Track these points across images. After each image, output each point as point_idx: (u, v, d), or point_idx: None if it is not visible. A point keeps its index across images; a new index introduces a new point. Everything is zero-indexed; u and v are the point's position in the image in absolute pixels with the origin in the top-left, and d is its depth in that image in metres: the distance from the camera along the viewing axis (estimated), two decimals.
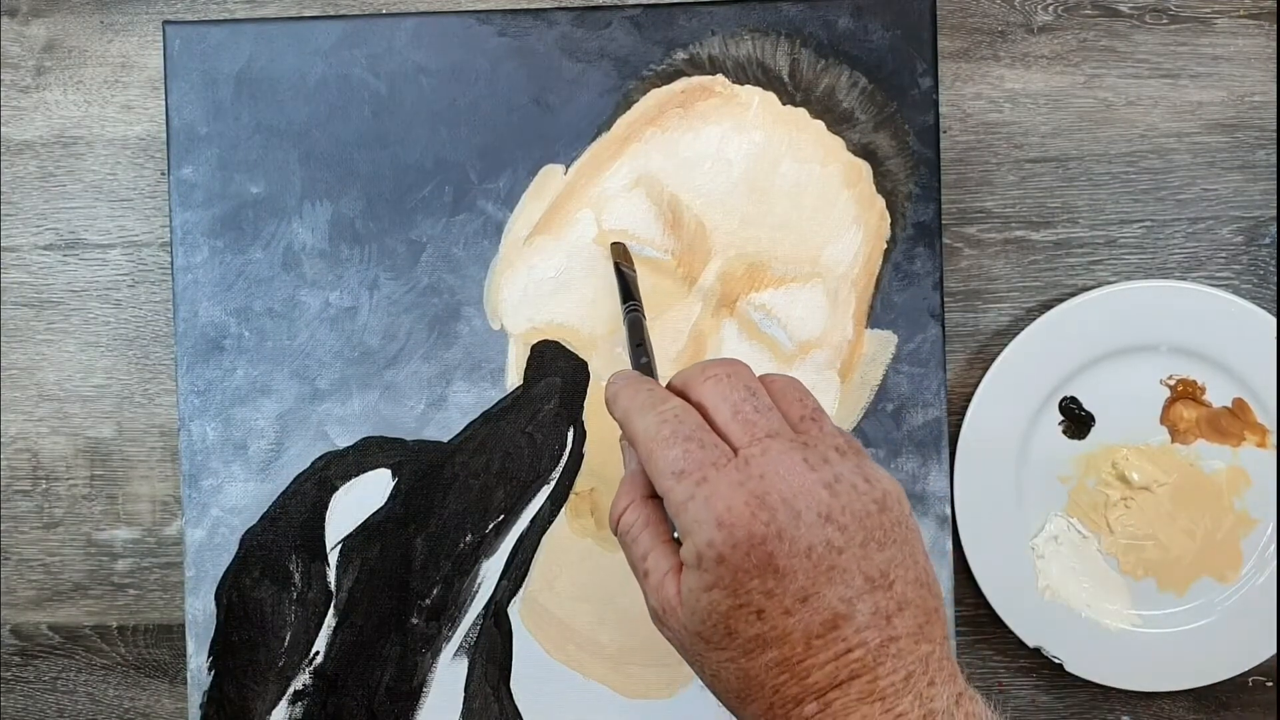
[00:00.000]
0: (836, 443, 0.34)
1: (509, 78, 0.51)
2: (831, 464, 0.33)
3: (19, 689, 0.56)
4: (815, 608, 0.32)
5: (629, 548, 0.37)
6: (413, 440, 0.51)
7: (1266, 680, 0.55)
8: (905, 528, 0.34)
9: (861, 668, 0.32)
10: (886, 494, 0.33)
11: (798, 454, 0.33)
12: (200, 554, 0.51)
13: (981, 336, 0.55)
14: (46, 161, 0.55)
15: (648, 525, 0.36)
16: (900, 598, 0.32)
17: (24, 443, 0.56)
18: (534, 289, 0.52)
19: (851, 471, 0.33)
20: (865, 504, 0.33)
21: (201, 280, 0.52)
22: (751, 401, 0.35)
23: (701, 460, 0.33)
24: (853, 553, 0.32)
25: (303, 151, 0.51)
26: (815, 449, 0.34)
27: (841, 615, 0.32)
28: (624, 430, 0.37)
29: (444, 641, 0.51)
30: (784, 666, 0.32)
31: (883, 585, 0.32)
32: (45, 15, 0.55)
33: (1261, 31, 0.54)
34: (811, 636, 0.32)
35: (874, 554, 0.32)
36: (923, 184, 0.51)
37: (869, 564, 0.32)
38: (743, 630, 0.32)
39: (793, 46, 0.51)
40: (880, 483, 0.34)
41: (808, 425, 0.35)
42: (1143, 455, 0.54)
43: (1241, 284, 0.55)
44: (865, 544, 0.32)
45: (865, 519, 0.33)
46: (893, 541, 0.33)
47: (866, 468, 0.34)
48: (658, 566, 0.35)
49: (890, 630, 0.32)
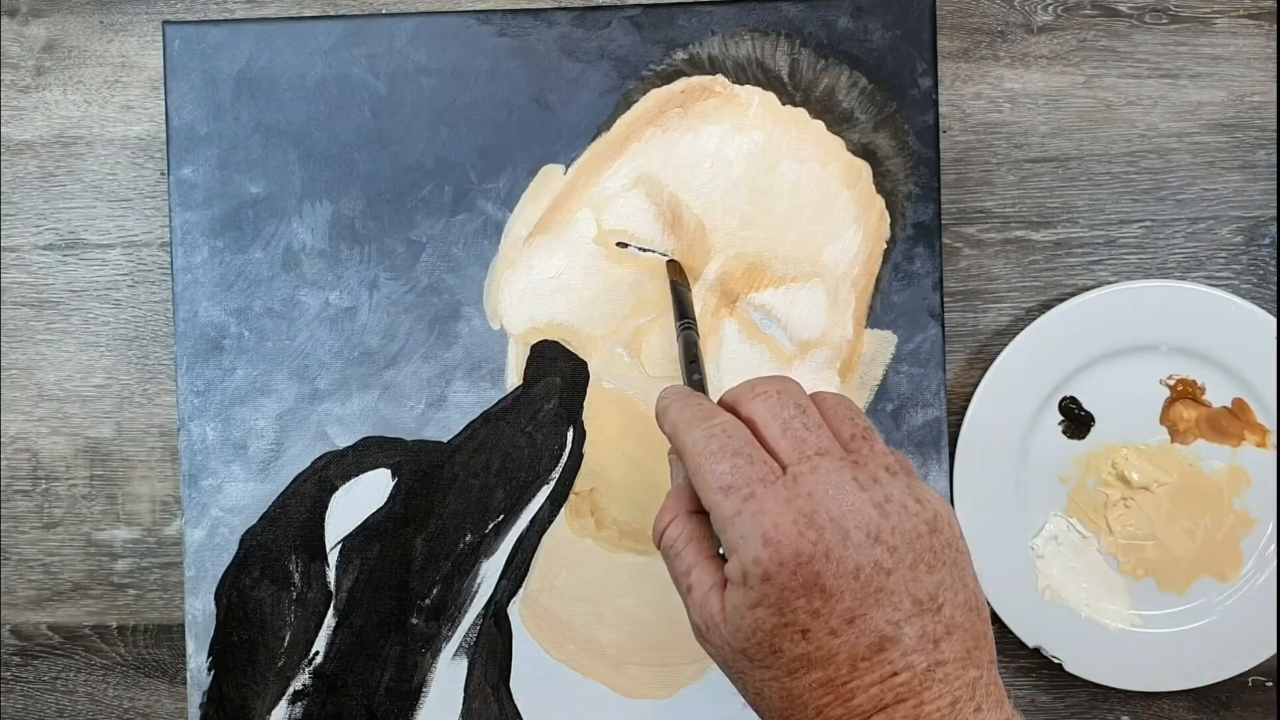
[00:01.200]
0: (887, 462, 0.34)
1: (509, 77, 0.51)
2: (882, 484, 0.33)
3: (18, 689, 0.56)
4: (862, 629, 0.31)
5: (672, 562, 0.36)
6: (412, 440, 0.51)
7: (1266, 680, 0.55)
8: (955, 550, 0.33)
9: (907, 692, 0.31)
10: (938, 515, 0.33)
11: (847, 473, 0.33)
12: (200, 554, 0.51)
13: (981, 336, 0.55)
14: (46, 161, 0.55)
15: (691, 540, 0.36)
16: (949, 621, 0.32)
17: (24, 443, 0.56)
18: (534, 289, 0.52)
19: (902, 492, 0.33)
20: (915, 525, 0.32)
21: (201, 280, 0.52)
22: (801, 419, 0.35)
23: (749, 476, 0.33)
24: (901, 574, 0.32)
25: (302, 151, 0.51)
26: (865, 468, 0.33)
27: (888, 638, 0.31)
28: (673, 443, 0.37)
29: (444, 641, 0.51)
30: (828, 688, 0.32)
31: (931, 609, 0.32)
32: (45, 15, 0.55)
33: (1261, 31, 0.54)
34: (857, 659, 0.31)
35: (923, 576, 0.32)
36: (922, 184, 0.51)
37: (918, 586, 0.32)
38: (787, 649, 0.32)
39: (792, 46, 0.51)
40: (931, 504, 0.33)
41: (858, 444, 0.35)
42: (1142, 455, 0.54)
43: (1241, 284, 0.55)
44: (914, 566, 0.32)
45: (915, 540, 0.32)
46: (942, 564, 0.32)
47: (917, 488, 0.33)
48: (701, 582, 0.35)
49: (937, 654, 0.32)
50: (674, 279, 0.49)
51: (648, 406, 0.51)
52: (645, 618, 0.52)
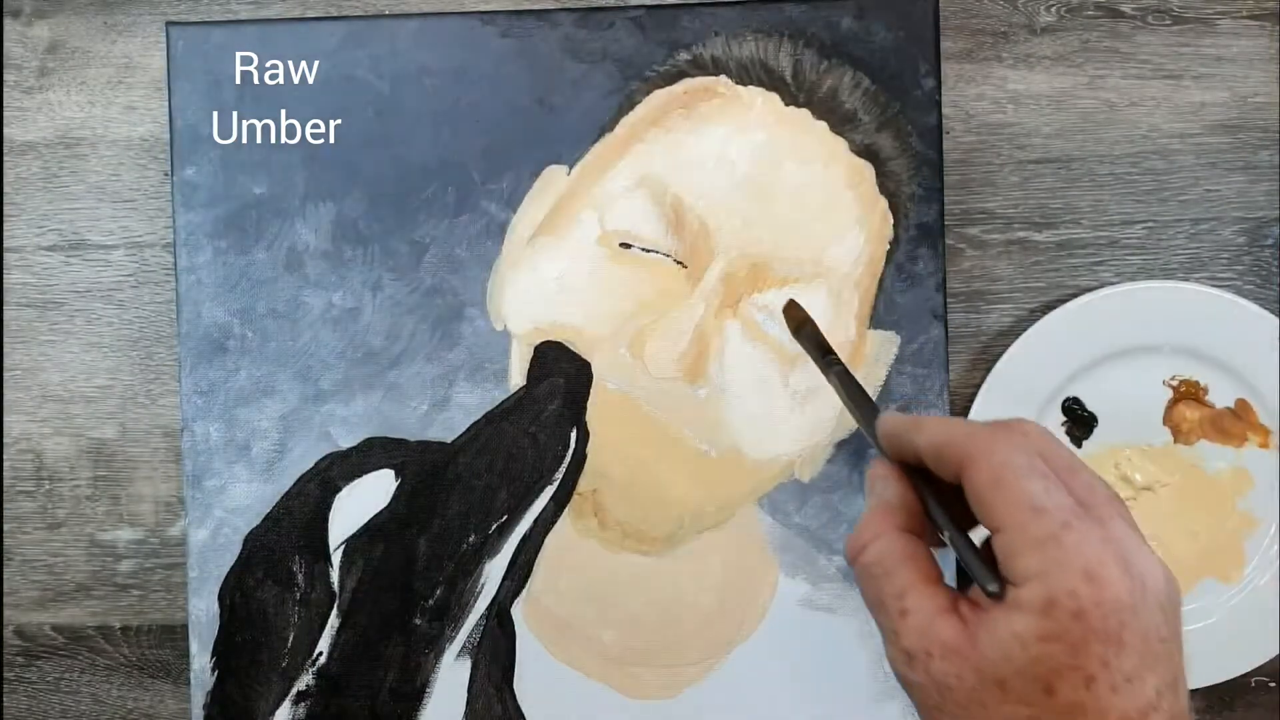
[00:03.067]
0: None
1: (512, 78, 0.51)
2: (1153, 551, 0.32)
3: (22, 689, 0.56)
4: (1137, 692, 0.30)
5: (876, 581, 0.34)
6: (416, 441, 0.51)
7: (1270, 681, 0.55)
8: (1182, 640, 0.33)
9: None
10: (1180, 603, 0.33)
11: (1134, 530, 0.32)
12: (203, 554, 0.51)
13: (984, 337, 0.55)
14: (50, 162, 0.55)
15: (907, 560, 0.34)
16: (1184, 706, 0.32)
17: (27, 443, 0.56)
18: (537, 290, 0.52)
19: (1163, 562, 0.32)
20: (1177, 602, 0.32)
21: (205, 281, 0.52)
22: (1083, 468, 0.33)
23: (1062, 504, 0.31)
24: (1170, 647, 0.31)
25: (306, 153, 0.51)
26: (1137, 529, 0.33)
27: (1154, 706, 0.31)
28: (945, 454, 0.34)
29: (447, 642, 0.51)
30: None
31: (1178, 690, 0.32)
32: (49, 16, 0.55)
33: (1264, 32, 0.54)
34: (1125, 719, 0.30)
35: (1176, 654, 0.32)
36: (925, 185, 0.51)
37: (1173, 664, 0.31)
38: (1065, 694, 0.30)
39: (795, 47, 0.51)
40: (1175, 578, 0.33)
41: (1123, 508, 0.33)
42: (1145, 456, 0.54)
43: (1244, 285, 0.55)
44: (1176, 641, 0.32)
45: (1177, 619, 0.32)
46: (1182, 649, 0.32)
47: None
48: (923, 605, 0.33)
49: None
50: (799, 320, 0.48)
51: (651, 407, 0.51)
52: (648, 618, 0.52)
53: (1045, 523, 0.31)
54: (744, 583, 0.52)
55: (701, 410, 0.51)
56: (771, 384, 0.51)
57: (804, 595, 0.51)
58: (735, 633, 0.52)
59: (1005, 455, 0.33)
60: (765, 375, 0.51)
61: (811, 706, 0.51)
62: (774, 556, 0.52)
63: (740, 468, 0.51)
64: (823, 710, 0.51)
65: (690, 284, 0.51)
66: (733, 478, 0.51)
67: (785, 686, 0.51)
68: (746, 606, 0.52)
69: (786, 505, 0.52)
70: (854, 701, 0.51)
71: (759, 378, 0.51)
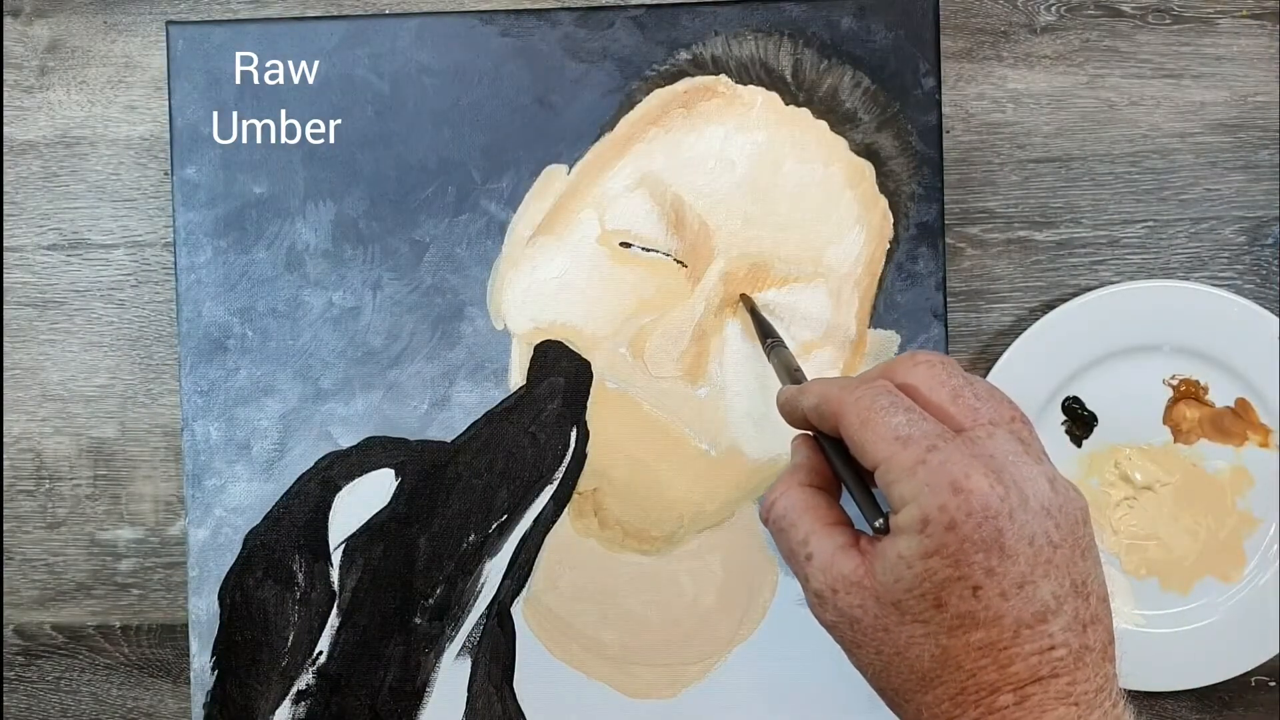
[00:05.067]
0: (1043, 450, 0.34)
1: (512, 78, 0.51)
2: (1045, 464, 0.33)
3: (22, 689, 0.56)
4: (1030, 597, 0.31)
5: (785, 533, 0.36)
6: (416, 440, 0.51)
7: (1270, 680, 0.55)
8: (1095, 547, 0.34)
9: (1062, 667, 0.31)
10: (1086, 509, 0.33)
11: (1020, 445, 0.33)
12: (203, 554, 0.51)
13: (984, 336, 0.55)
14: (50, 162, 0.55)
15: (807, 510, 0.36)
16: (1094, 612, 0.32)
17: (27, 443, 0.56)
18: (537, 289, 0.52)
19: (1062, 477, 0.33)
20: (1074, 510, 0.33)
21: (205, 280, 0.52)
22: (971, 389, 0.35)
23: (927, 430, 0.33)
24: (1064, 553, 0.32)
25: (306, 152, 0.51)
26: (1033, 446, 0.34)
27: (1051, 610, 0.31)
28: (823, 410, 0.36)
29: (447, 641, 0.51)
30: (987, 650, 0.31)
31: (1083, 594, 0.32)
32: (48, 15, 0.55)
33: (1264, 32, 0.54)
34: (1021, 625, 0.31)
35: (1078, 561, 0.32)
36: (925, 184, 0.51)
37: (1075, 569, 0.32)
38: (954, 605, 0.31)
39: (795, 47, 0.51)
40: (1082, 497, 0.34)
41: (1018, 426, 0.35)
42: (1145, 455, 0.54)
43: (1244, 284, 0.55)
44: (1074, 548, 0.32)
45: (1074, 525, 0.33)
46: (1090, 556, 0.33)
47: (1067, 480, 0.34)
48: (823, 546, 0.35)
49: (1085, 639, 0.32)
50: (749, 306, 0.50)
51: (651, 406, 0.51)
52: (648, 618, 0.52)
53: (912, 450, 0.32)
54: (744, 582, 0.52)
55: (701, 410, 0.51)
56: (771, 383, 0.51)
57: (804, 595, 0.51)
58: (735, 633, 0.52)
59: (869, 399, 0.34)
60: (765, 375, 0.51)
61: (812, 707, 0.51)
62: (774, 556, 0.52)
63: (740, 467, 0.51)
64: (823, 710, 0.51)
65: (690, 283, 0.51)
66: (733, 477, 0.52)
67: (785, 686, 0.51)
68: (746, 606, 0.52)
69: None
70: (854, 701, 0.51)
71: (759, 377, 0.51)
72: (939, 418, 0.34)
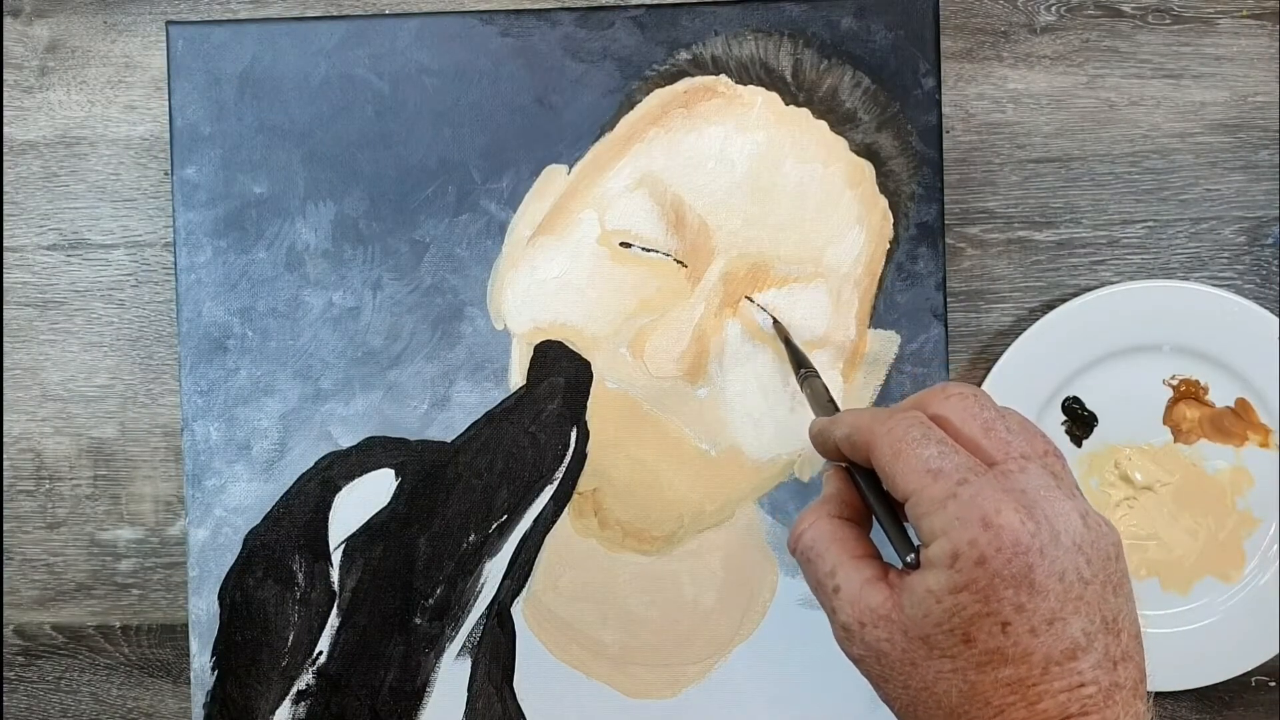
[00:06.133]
0: (1075, 483, 0.34)
1: (512, 78, 0.51)
2: (1078, 499, 0.33)
3: (22, 689, 0.56)
4: (1059, 634, 0.31)
5: (812, 564, 0.36)
6: (416, 440, 0.51)
7: (1270, 680, 0.55)
8: (1128, 582, 0.33)
9: (1091, 705, 0.31)
10: (1119, 544, 0.33)
11: (1052, 479, 0.33)
12: (203, 554, 0.51)
13: (984, 336, 0.55)
14: (50, 162, 0.55)
15: (835, 541, 0.36)
16: (1125, 648, 0.32)
17: (27, 443, 0.56)
18: (537, 289, 0.52)
19: (1094, 511, 0.33)
20: (1106, 546, 0.33)
21: (205, 280, 0.52)
22: (1003, 422, 0.35)
23: (959, 463, 0.33)
24: (1095, 589, 0.32)
25: (306, 152, 0.51)
26: (1065, 481, 0.34)
27: (1080, 648, 0.31)
28: (855, 440, 0.37)
29: (447, 641, 0.51)
30: (1015, 687, 0.31)
31: (1114, 630, 0.32)
32: (48, 15, 0.55)
33: (1264, 32, 0.54)
34: (1051, 662, 0.31)
35: (1109, 597, 0.32)
36: (925, 184, 0.51)
37: (1106, 606, 0.32)
38: (982, 640, 0.31)
39: (795, 47, 0.51)
40: (1115, 531, 0.33)
41: (1051, 460, 0.34)
42: (1145, 455, 0.54)
43: (1244, 284, 0.55)
44: (1105, 584, 0.32)
45: (1105, 561, 0.32)
46: (1122, 592, 0.33)
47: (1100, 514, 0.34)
48: (851, 579, 0.35)
49: (1115, 677, 0.32)
50: (783, 336, 0.50)
51: (651, 406, 0.51)
52: (648, 618, 0.52)
53: (943, 483, 0.32)
54: (744, 582, 0.52)
55: (701, 410, 0.51)
56: (771, 384, 0.51)
57: (804, 595, 0.51)
58: (735, 633, 0.52)
59: (901, 430, 0.34)
60: (765, 375, 0.51)
61: (812, 707, 0.51)
62: (774, 556, 0.52)
63: (740, 467, 0.51)
64: (823, 710, 0.51)
65: (690, 283, 0.51)
66: (733, 477, 0.52)
67: (786, 686, 0.51)
68: (746, 606, 0.52)
69: (786, 505, 0.52)
70: (854, 701, 0.51)
71: (759, 377, 0.51)
72: (971, 451, 0.34)
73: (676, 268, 0.51)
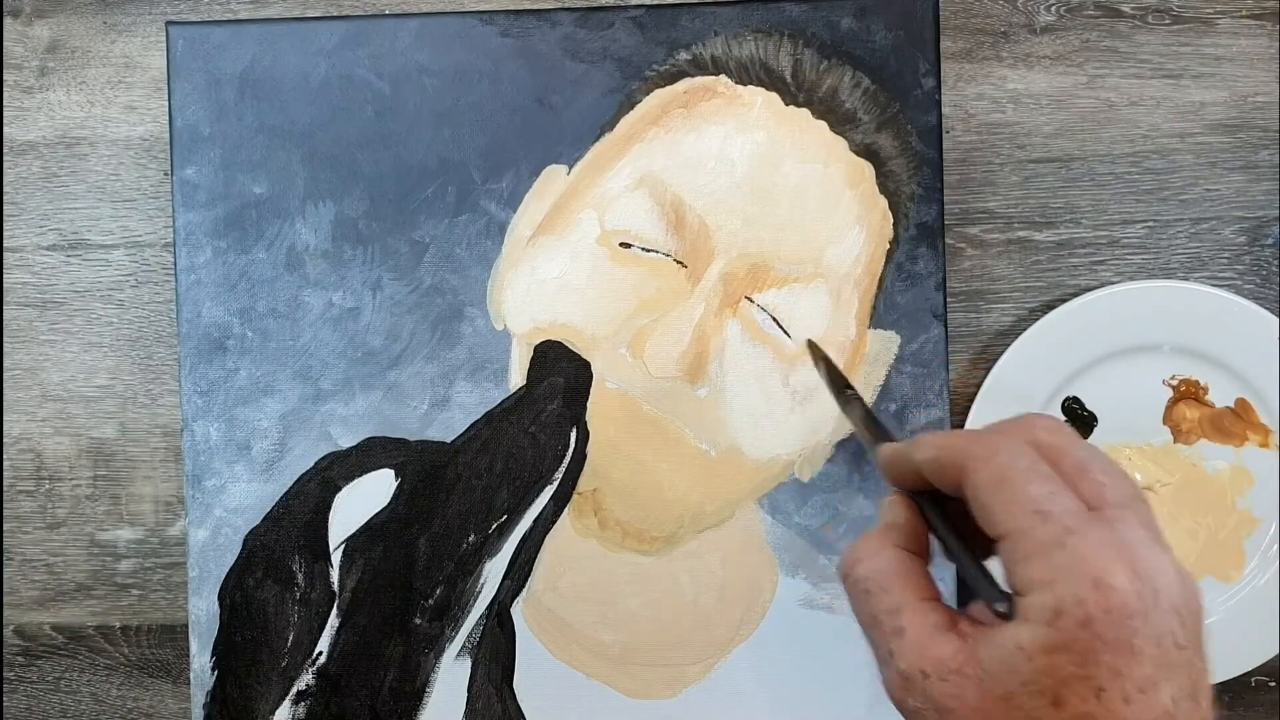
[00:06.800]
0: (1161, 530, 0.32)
1: (512, 78, 0.51)
2: (1170, 552, 0.31)
3: (22, 689, 0.56)
4: (1151, 702, 0.29)
5: (871, 597, 0.33)
6: (416, 440, 0.51)
7: (1270, 680, 0.55)
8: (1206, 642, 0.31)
9: None
10: (1202, 602, 0.31)
11: (1148, 532, 0.30)
12: (203, 554, 0.51)
13: (984, 337, 0.55)
14: (50, 162, 0.55)
15: (900, 577, 0.33)
16: (1204, 714, 0.30)
17: (27, 443, 0.56)
18: (537, 289, 0.52)
19: (1182, 565, 0.31)
20: (1197, 607, 0.30)
21: (204, 280, 0.52)
22: (1097, 463, 0.32)
23: (1067, 507, 0.30)
24: (1188, 654, 0.30)
25: (306, 152, 0.51)
26: (1157, 530, 0.31)
27: (1169, 714, 0.29)
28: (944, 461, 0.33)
29: (447, 642, 0.51)
30: None
31: (1195, 697, 0.30)
32: (48, 16, 0.55)
33: (1264, 32, 0.54)
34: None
35: (1196, 661, 0.30)
36: (925, 184, 0.51)
37: (1194, 671, 0.30)
38: (1073, 705, 0.29)
39: (795, 47, 0.51)
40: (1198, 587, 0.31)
41: (1141, 507, 0.32)
42: (1145, 455, 0.54)
43: (1244, 284, 0.55)
44: (1195, 649, 0.30)
45: (1197, 624, 0.30)
46: (1204, 655, 0.31)
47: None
48: (918, 624, 0.32)
49: None
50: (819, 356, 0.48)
51: (651, 406, 0.51)
52: (648, 618, 0.52)
53: (1050, 528, 0.30)
54: (744, 582, 0.52)
55: (701, 410, 0.51)
56: (771, 384, 0.51)
57: (804, 595, 0.51)
58: (735, 633, 0.52)
59: (1007, 458, 0.32)
60: (765, 375, 0.51)
61: (812, 707, 0.51)
62: (774, 556, 0.52)
63: (740, 467, 0.51)
64: (823, 710, 0.51)
65: (690, 283, 0.51)
66: (733, 477, 0.52)
67: (785, 686, 0.51)
68: (746, 606, 0.52)
69: (786, 505, 0.52)
70: (854, 702, 0.51)
71: (759, 377, 0.51)
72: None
73: (676, 268, 0.51)
